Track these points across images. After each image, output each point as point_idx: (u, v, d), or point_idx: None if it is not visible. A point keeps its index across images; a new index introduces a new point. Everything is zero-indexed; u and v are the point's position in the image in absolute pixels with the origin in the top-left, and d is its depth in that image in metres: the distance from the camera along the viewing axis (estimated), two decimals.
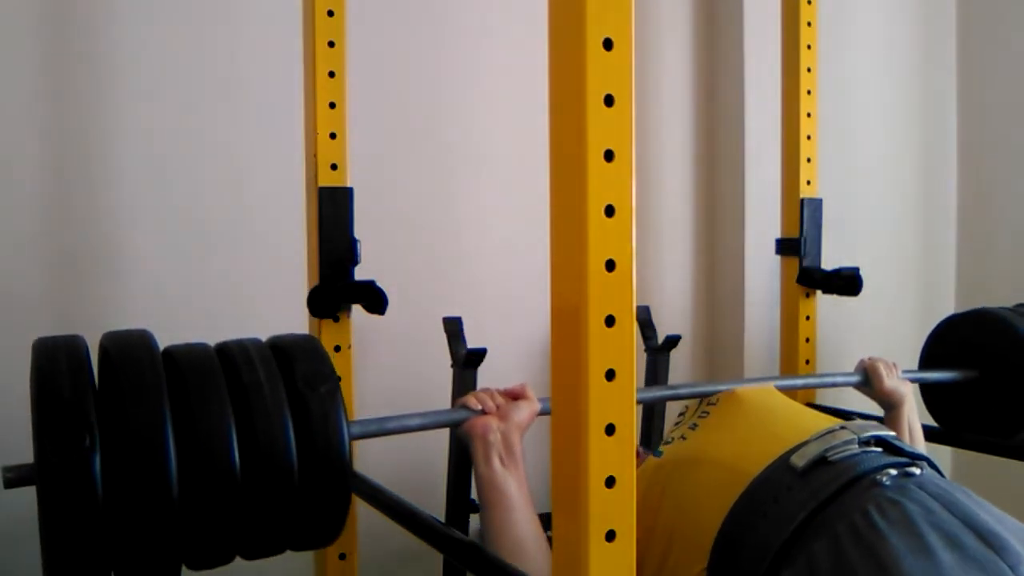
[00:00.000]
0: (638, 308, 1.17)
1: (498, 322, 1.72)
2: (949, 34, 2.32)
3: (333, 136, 1.32)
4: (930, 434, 1.75)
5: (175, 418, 0.79)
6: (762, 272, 1.97)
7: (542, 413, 1.12)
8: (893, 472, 0.98)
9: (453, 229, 1.73)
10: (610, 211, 0.66)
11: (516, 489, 1.08)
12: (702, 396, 1.30)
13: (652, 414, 1.74)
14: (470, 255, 1.74)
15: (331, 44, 1.31)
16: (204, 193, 1.48)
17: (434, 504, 1.49)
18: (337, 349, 1.34)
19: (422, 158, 1.70)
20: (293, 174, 1.39)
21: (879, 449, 1.04)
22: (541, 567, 1.03)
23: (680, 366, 1.96)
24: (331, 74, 1.32)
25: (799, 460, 1.01)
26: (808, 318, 1.84)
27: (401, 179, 1.67)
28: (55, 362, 0.79)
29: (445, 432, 1.57)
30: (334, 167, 1.32)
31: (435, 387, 1.45)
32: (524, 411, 1.11)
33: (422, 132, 1.70)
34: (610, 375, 0.67)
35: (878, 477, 0.97)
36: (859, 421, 1.11)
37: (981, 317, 1.68)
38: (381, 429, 1.15)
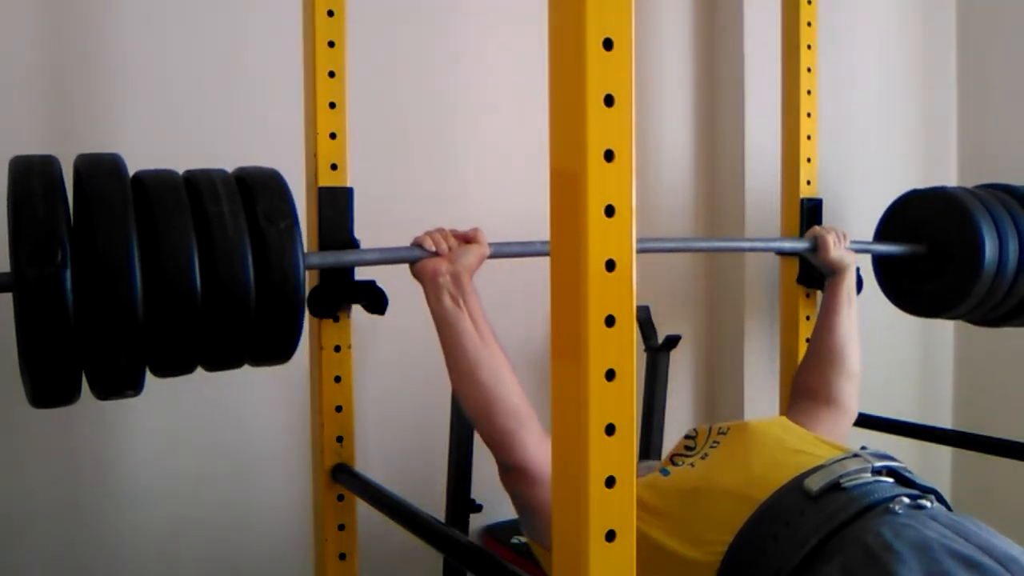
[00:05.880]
0: (638, 308, 1.17)
1: (498, 322, 1.71)
2: (949, 34, 2.32)
3: (333, 136, 1.32)
4: (932, 435, 1.76)
5: (141, 240, 0.86)
6: (762, 272, 1.97)
7: (492, 256, 1.21)
8: (906, 501, 0.97)
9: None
10: (610, 211, 0.66)
11: (467, 323, 1.14)
12: (697, 251, 1.38)
13: (652, 415, 1.74)
14: None
15: (331, 44, 1.31)
16: None
17: (434, 504, 1.50)
18: (337, 349, 1.33)
19: (422, 158, 1.70)
20: (293, 174, 1.39)
21: (891, 480, 1.03)
22: (493, 390, 1.08)
23: (680, 365, 1.96)
24: (331, 74, 1.32)
25: (813, 484, 1.00)
26: (808, 318, 1.84)
27: (401, 179, 1.67)
28: (30, 179, 0.85)
29: (445, 433, 1.57)
30: (334, 167, 1.32)
31: (435, 387, 1.45)
32: (473, 254, 1.18)
33: (422, 132, 1.70)
34: (610, 375, 0.67)
35: (891, 506, 0.96)
36: (871, 450, 1.10)
37: (937, 194, 1.69)
38: (338, 261, 1.22)
